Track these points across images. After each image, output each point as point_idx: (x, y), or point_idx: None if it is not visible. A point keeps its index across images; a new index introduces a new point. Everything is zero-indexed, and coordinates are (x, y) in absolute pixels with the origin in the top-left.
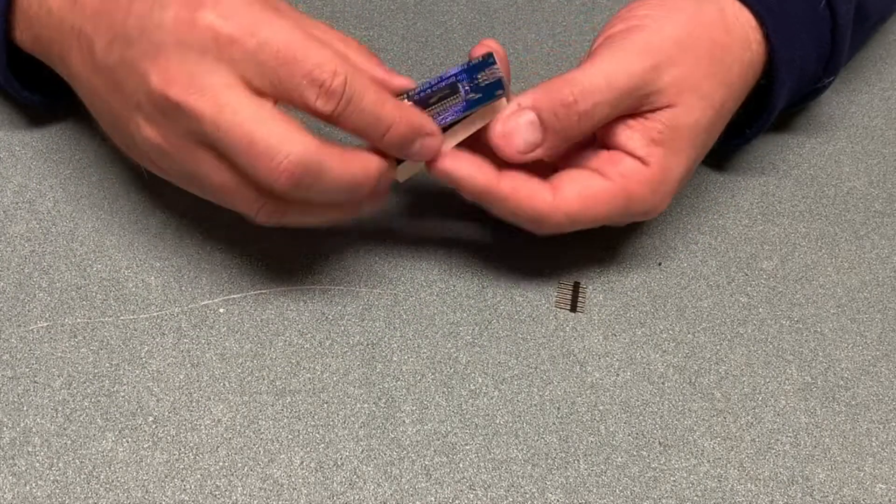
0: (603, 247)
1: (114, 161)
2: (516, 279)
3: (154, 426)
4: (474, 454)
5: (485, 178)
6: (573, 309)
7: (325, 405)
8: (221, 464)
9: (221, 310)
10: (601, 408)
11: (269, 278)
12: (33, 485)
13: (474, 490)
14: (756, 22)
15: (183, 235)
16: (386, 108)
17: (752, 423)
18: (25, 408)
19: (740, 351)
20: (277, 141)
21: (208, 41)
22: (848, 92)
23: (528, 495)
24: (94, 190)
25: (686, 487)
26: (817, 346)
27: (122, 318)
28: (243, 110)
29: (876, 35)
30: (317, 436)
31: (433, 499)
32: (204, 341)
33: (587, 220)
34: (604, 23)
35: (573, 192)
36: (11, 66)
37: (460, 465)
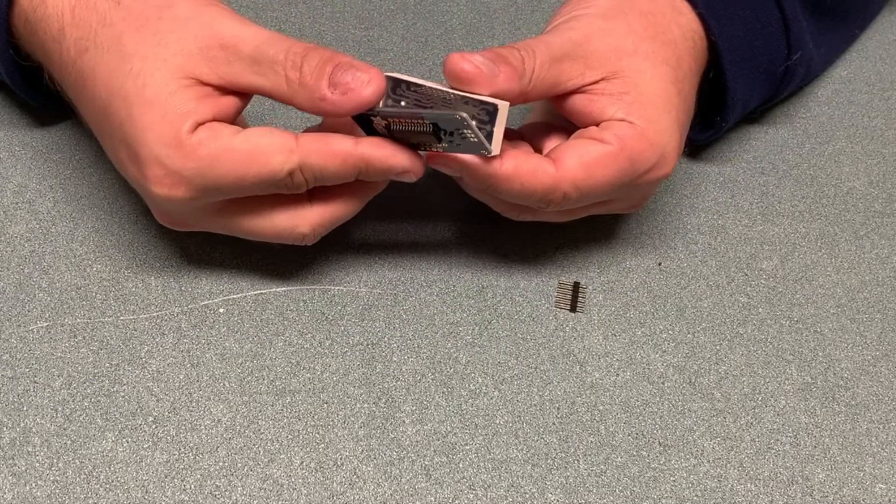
0: (603, 247)
1: None
2: (516, 279)
3: (154, 426)
4: (474, 454)
5: (486, 162)
6: (573, 309)
7: (325, 405)
8: (221, 464)
9: (221, 310)
10: (601, 408)
11: (269, 278)
12: (33, 485)
13: (474, 490)
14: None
15: (183, 235)
16: (347, 166)
17: (752, 423)
18: (25, 408)
19: (740, 351)
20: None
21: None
22: (848, 92)
23: (528, 495)
24: (94, 190)
25: (686, 487)
26: (817, 346)
27: (122, 318)
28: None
29: (876, 35)
30: (317, 436)
31: (433, 499)
32: (204, 341)
33: (595, 187)
34: None
35: (574, 161)
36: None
37: (460, 465)
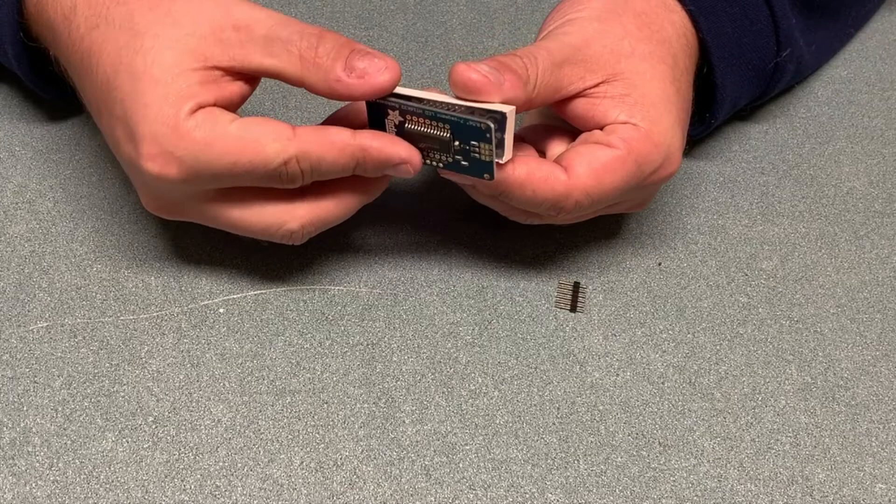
0: (603, 247)
1: (114, 161)
2: (516, 279)
3: (154, 426)
4: (474, 454)
5: (498, 168)
6: (573, 309)
7: (325, 405)
8: (221, 464)
9: (221, 310)
10: (601, 408)
11: (269, 278)
12: (33, 485)
13: (474, 490)
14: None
15: (183, 235)
16: (344, 156)
17: (752, 423)
18: (25, 408)
19: (740, 351)
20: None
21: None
22: (848, 92)
23: (528, 495)
24: (94, 190)
25: (686, 487)
26: (817, 346)
27: (122, 318)
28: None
29: (876, 35)
30: (317, 436)
31: (433, 499)
32: (204, 341)
33: (605, 193)
34: None
35: (584, 168)
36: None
37: (460, 465)
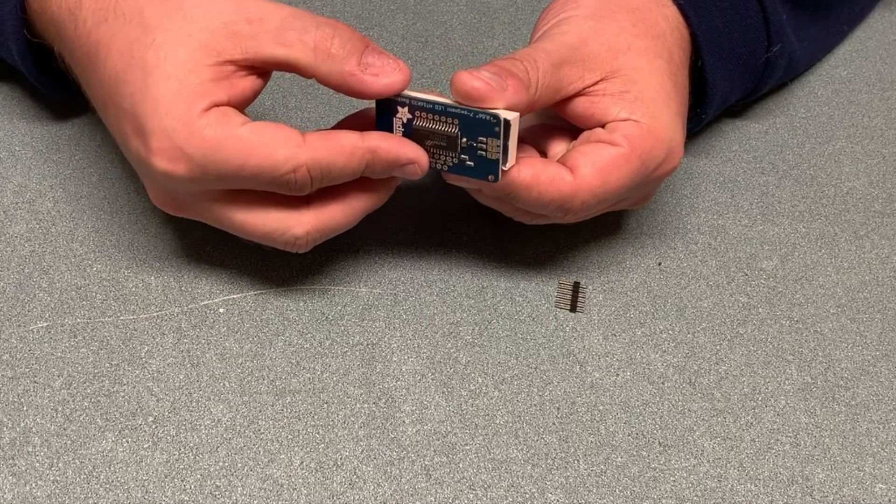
0: (603, 247)
1: (114, 161)
2: (516, 279)
3: (154, 426)
4: (474, 454)
5: (504, 172)
6: (573, 309)
7: (325, 405)
8: (221, 464)
9: (221, 310)
10: (601, 408)
11: (269, 278)
12: (33, 485)
13: (474, 490)
14: None
15: (183, 235)
16: (354, 159)
17: (752, 423)
18: (25, 408)
19: (740, 351)
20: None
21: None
22: (848, 92)
23: (528, 495)
24: (94, 190)
25: (686, 487)
26: (817, 346)
27: (122, 318)
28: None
29: (876, 35)
30: (317, 436)
31: (433, 499)
32: (204, 341)
33: (611, 192)
34: None
35: (589, 168)
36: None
37: (460, 465)
